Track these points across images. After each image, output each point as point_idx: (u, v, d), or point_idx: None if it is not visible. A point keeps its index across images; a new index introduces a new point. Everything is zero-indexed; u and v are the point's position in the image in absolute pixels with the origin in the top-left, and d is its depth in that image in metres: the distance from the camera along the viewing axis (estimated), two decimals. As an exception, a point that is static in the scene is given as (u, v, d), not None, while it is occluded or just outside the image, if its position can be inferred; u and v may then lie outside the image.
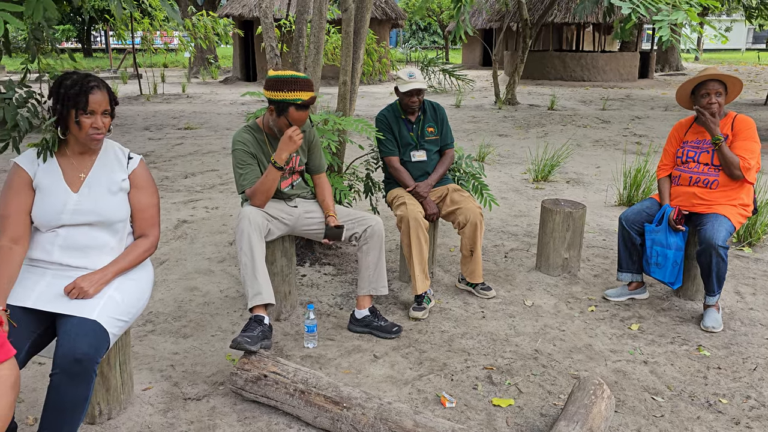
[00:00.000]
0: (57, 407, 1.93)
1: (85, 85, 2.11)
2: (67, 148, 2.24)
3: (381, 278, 3.16)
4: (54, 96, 2.15)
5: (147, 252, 2.35)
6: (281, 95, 2.81)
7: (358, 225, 3.11)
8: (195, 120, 11.29)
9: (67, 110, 2.12)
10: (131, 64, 23.50)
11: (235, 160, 3.01)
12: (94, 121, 2.14)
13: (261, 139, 3.06)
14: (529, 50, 14.09)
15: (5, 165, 7.36)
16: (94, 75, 2.18)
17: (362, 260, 3.14)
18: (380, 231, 3.11)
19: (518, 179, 6.72)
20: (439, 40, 38.44)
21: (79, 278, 2.13)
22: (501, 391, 2.69)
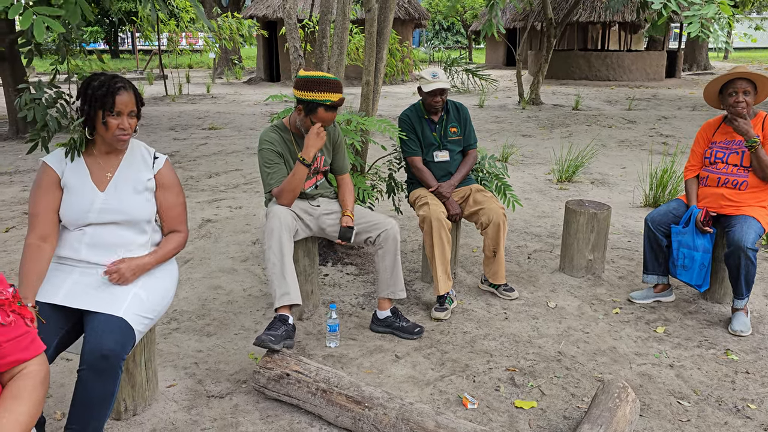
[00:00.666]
0: (84, 402, 1.97)
1: (112, 86, 2.14)
2: (94, 148, 2.28)
3: (398, 282, 3.15)
4: (82, 97, 2.19)
5: (179, 246, 2.41)
6: (311, 95, 2.84)
7: (373, 229, 3.09)
8: (219, 120, 11.40)
9: (95, 111, 2.16)
10: (157, 65, 23.81)
11: (262, 160, 3.03)
12: (120, 122, 2.17)
13: (288, 138, 3.09)
14: (553, 50, 13.96)
15: (34, 165, 7.51)
16: (121, 76, 2.21)
17: (379, 264, 3.14)
18: (395, 235, 3.09)
19: (542, 180, 6.67)
20: (463, 40, 38.29)
21: (118, 261, 2.18)
22: (524, 393, 2.67)
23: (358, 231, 3.11)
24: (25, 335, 1.46)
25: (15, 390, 1.41)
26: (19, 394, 1.40)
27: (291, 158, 3.09)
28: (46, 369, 1.48)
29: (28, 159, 7.87)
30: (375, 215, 3.15)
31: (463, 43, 38.06)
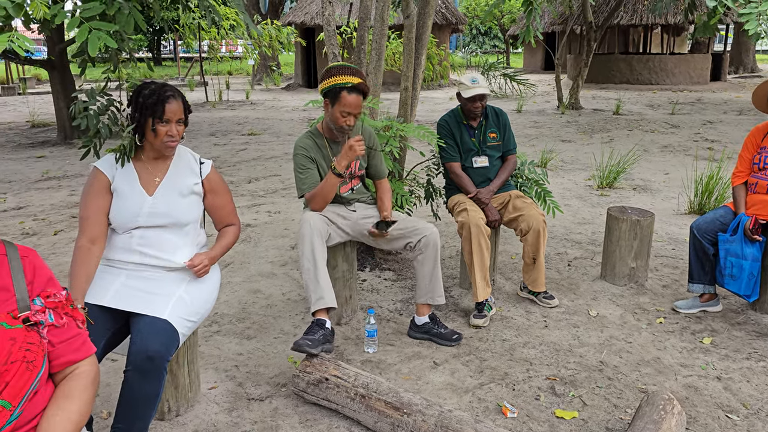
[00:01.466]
0: (130, 402, 2.01)
1: (161, 94, 2.20)
2: (143, 154, 2.35)
3: (437, 288, 3.13)
4: (133, 105, 2.25)
5: (236, 236, 2.57)
6: (332, 81, 2.89)
7: (413, 234, 3.09)
8: (258, 126, 11.57)
9: (145, 118, 2.22)
10: (198, 72, 24.29)
11: (295, 165, 3.08)
12: (169, 129, 2.23)
13: (321, 143, 3.12)
14: (593, 53, 13.75)
15: (82, 170, 7.74)
16: (170, 85, 2.27)
17: (418, 270, 3.13)
18: (435, 241, 3.08)
19: (582, 186, 6.57)
20: (500, 44, 38.05)
21: (197, 255, 2.33)
22: (564, 403, 2.63)
23: (399, 236, 3.10)
24: (77, 337, 1.51)
25: (67, 389, 1.45)
26: (71, 393, 1.45)
27: (324, 163, 3.12)
28: (96, 370, 1.52)
29: (76, 164, 8.12)
30: (415, 220, 3.15)
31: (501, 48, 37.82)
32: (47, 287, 1.47)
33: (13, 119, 13.01)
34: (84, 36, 1.73)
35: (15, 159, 8.60)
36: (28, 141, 10.19)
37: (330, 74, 2.91)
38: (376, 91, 4.40)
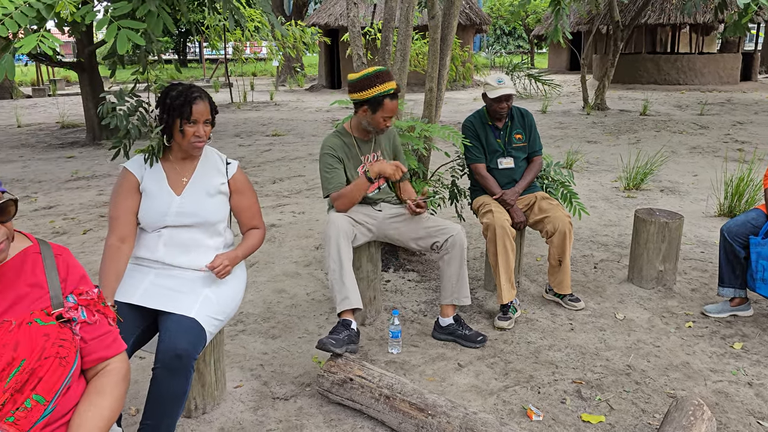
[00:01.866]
0: (158, 399, 2.04)
1: (189, 95, 2.23)
2: (171, 154, 2.38)
3: (463, 288, 3.12)
4: (161, 106, 2.28)
5: (260, 240, 2.55)
6: (375, 90, 2.92)
7: (440, 234, 3.08)
8: (282, 127, 11.64)
9: (173, 119, 2.25)
10: (223, 74, 24.53)
11: (322, 164, 3.09)
12: (196, 130, 2.26)
13: (349, 143, 3.14)
14: (620, 53, 13.57)
15: (110, 170, 7.87)
16: (197, 86, 2.30)
17: (444, 270, 3.12)
18: (461, 241, 3.07)
19: (608, 187, 6.49)
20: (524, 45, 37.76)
21: (217, 257, 2.32)
22: (591, 407, 2.60)
23: (425, 235, 3.09)
24: (108, 334, 1.53)
25: (99, 386, 1.48)
26: (102, 389, 1.47)
27: (351, 163, 3.14)
28: (127, 366, 1.55)
29: (105, 164, 8.26)
30: (441, 220, 3.14)
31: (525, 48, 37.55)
32: (80, 285, 1.50)
33: (43, 120, 13.27)
34: (113, 35, 1.77)
35: (45, 159, 8.78)
36: (58, 142, 10.39)
37: (372, 83, 2.92)
38: (401, 91, 4.40)
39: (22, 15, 1.69)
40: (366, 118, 3.04)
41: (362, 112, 3.03)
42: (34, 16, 1.79)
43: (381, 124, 3.02)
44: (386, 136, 3.30)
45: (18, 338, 1.34)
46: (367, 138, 3.19)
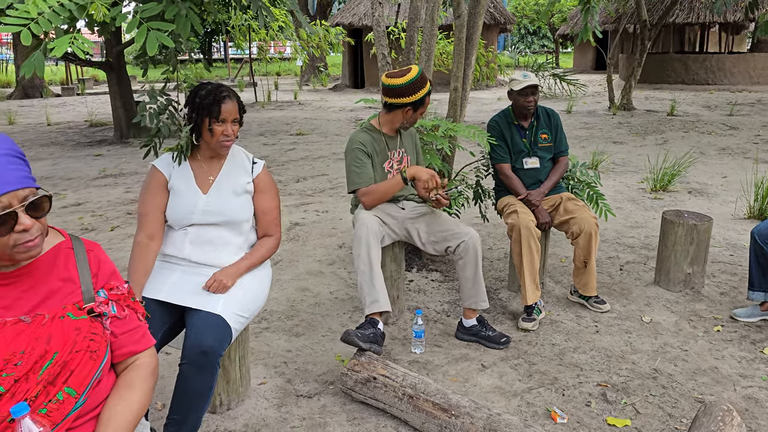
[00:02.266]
0: (185, 395, 2.07)
1: (218, 95, 2.25)
2: (199, 153, 2.41)
3: (479, 293, 3.09)
4: (190, 105, 2.31)
5: (271, 250, 2.48)
6: (422, 92, 3.04)
7: (453, 238, 3.05)
8: (306, 126, 11.70)
9: (201, 118, 2.28)
10: (247, 73, 24.74)
11: (351, 159, 3.09)
12: (224, 129, 2.29)
13: (378, 138, 3.16)
14: (647, 52, 13.37)
15: (137, 168, 7.98)
16: (225, 85, 2.32)
17: (460, 274, 3.11)
18: (474, 246, 3.03)
19: (634, 189, 6.40)
20: (549, 44, 37.43)
21: (217, 273, 2.28)
22: (617, 411, 2.57)
23: (440, 239, 3.08)
24: (138, 329, 1.56)
25: (128, 379, 1.50)
26: (132, 383, 1.49)
27: (379, 158, 3.16)
28: (156, 361, 1.57)
29: (132, 162, 8.38)
30: (456, 224, 3.11)
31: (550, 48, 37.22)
32: (111, 280, 1.53)
33: (72, 119, 13.52)
34: (143, 36, 1.79)
35: (74, 157, 8.93)
36: (87, 140, 10.56)
37: (420, 86, 3.03)
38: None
39: (54, 14, 1.73)
40: (406, 117, 3.11)
41: (404, 111, 3.08)
42: (66, 16, 1.83)
43: (417, 119, 3.16)
44: (408, 133, 3.32)
45: (51, 331, 1.36)
46: (394, 135, 3.22)
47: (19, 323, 1.35)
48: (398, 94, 3.01)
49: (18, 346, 1.32)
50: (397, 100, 3.03)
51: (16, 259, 1.34)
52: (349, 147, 3.12)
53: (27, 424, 1.24)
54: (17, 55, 18.84)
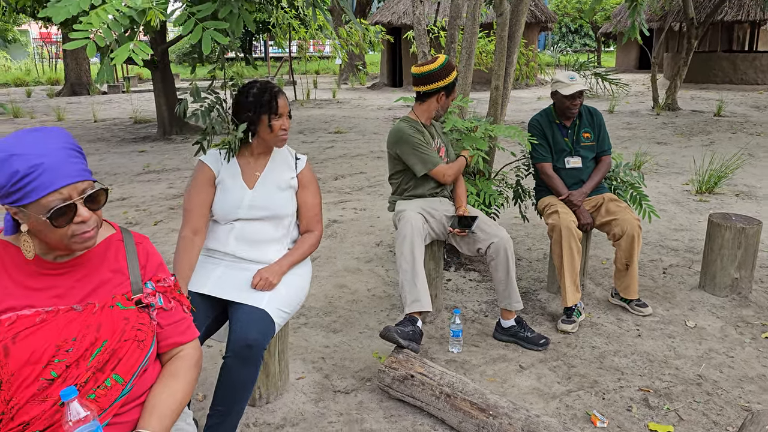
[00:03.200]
0: (229, 387, 2.11)
1: (272, 90, 2.31)
2: (246, 150, 2.45)
3: (513, 294, 3.06)
4: (243, 104, 2.33)
5: (313, 246, 2.50)
6: (452, 76, 3.14)
7: (482, 240, 3.04)
8: (344, 124, 11.76)
9: (259, 115, 2.31)
10: (287, 72, 24.99)
11: (413, 142, 3.12)
12: (282, 123, 2.34)
13: (420, 128, 3.19)
14: (693, 51, 13.02)
15: (179, 164, 8.15)
16: (273, 82, 2.36)
17: (493, 276, 3.09)
18: (505, 248, 2.99)
19: (679, 190, 6.25)
20: (591, 43, 36.78)
21: (262, 270, 2.31)
22: (659, 416, 2.51)
23: (471, 240, 3.07)
24: (183, 320, 1.59)
25: (173, 369, 1.54)
26: (176, 373, 1.53)
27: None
28: (200, 353, 1.60)
29: (174, 158, 8.56)
30: (488, 225, 3.08)
31: (592, 46, 36.56)
32: (158, 272, 1.57)
33: (117, 115, 13.88)
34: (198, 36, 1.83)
35: (119, 153, 9.17)
36: (131, 136, 10.83)
37: (450, 70, 3.14)
38: (465, 90, 4.37)
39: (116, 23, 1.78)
40: (441, 104, 3.20)
41: (439, 98, 3.17)
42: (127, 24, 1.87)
43: (449, 105, 3.25)
44: (438, 126, 3.41)
45: (101, 320, 1.41)
46: (429, 124, 3.29)
47: (71, 311, 1.40)
48: (431, 79, 3.10)
49: (70, 333, 1.37)
50: (431, 86, 3.12)
51: (72, 249, 1.39)
52: (401, 134, 3.14)
53: (75, 407, 1.29)
54: (66, 53, 19.44)
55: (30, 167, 1.27)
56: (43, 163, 1.28)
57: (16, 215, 1.34)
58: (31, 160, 1.27)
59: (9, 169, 1.27)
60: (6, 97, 18.33)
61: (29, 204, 1.29)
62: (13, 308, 1.35)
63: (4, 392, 1.32)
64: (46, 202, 1.29)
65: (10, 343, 1.31)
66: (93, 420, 1.30)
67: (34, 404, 1.33)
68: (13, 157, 1.27)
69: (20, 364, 1.31)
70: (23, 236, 1.35)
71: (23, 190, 1.28)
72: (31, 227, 1.34)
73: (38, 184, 1.28)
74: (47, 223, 1.30)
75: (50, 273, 1.41)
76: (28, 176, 1.27)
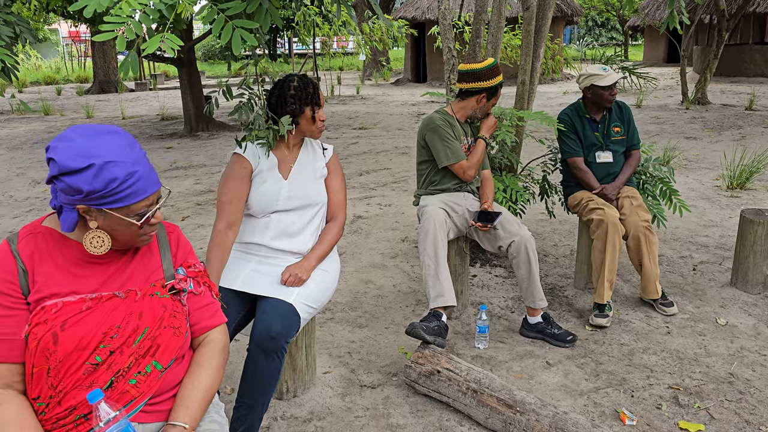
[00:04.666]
0: (253, 378, 2.13)
1: (312, 83, 2.34)
2: (281, 143, 2.46)
3: (536, 292, 3.04)
4: (285, 97, 2.34)
5: (338, 234, 2.50)
6: (497, 80, 3.12)
7: (503, 238, 3.02)
8: (368, 120, 11.77)
9: (302, 108, 2.33)
10: (311, 68, 25.09)
11: (440, 134, 3.11)
12: (322, 114, 2.37)
13: (453, 123, 3.19)
14: (724, 44, 12.74)
15: (206, 160, 8.24)
16: (307, 75, 2.38)
17: (516, 274, 3.07)
18: (526, 246, 2.97)
19: (708, 186, 6.14)
20: (618, 36, 36.23)
21: (291, 266, 2.32)
22: (689, 415, 2.48)
23: (493, 237, 3.05)
24: (212, 304, 1.62)
25: (198, 357, 1.57)
26: (200, 360, 1.56)
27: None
28: (226, 339, 1.63)
29: (201, 155, 8.66)
30: (510, 223, 3.05)
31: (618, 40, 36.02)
32: (188, 258, 1.60)
33: (145, 112, 14.07)
34: (227, 36, 1.84)
35: (147, 149, 9.30)
36: (158, 133, 10.98)
37: (495, 73, 3.13)
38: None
39: (145, 16, 1.80)
40: (479, 106, 3.17)
41: (479, 98, 3.15)
42: (156, 17, 1.89)
43: (487, 111, 3.22)
44: (477, 127, 3.34)
45: (142, 307, 1.45)
46: (464, 122, 3.27)
47: (113, 298, 1.44)
48: (475, 78, 3.09)
49: (114, 320, 1.41)
50: (473, 85, 3.10)
51: (136, 245, 1.48)
52: (430, 125, 3.14)
53: (104, 408, 1.32)
54: (94, 51, 19.76)
55: (127, 175, 1.35)
56: (137, 171, 1.37)
57: (88, 214, 1.39)
58: (126, 168, 1.35)
59: (108, 176, 1.33)
60: (37, 95, 18.71)
61: (119, 208, 1.37)
62: (57, 294, 1.39)
63: (52, 378, 1.36)
64: (136, 206, 1.39)
65: (59, 331, 1.35)
66: (123, 418, 1.34)
67: (79, 390, 1.38)
68: (109, 164, 1.33)
69: (68, 351, 1.35)
70: (94, 232, 1.41)
71: (118, 195, 1.35)
72: (101, 225, 1.40)
73: (134, 190, 1.37)
74: (131, 224, 1.40)
75: (91, 260, 1.46)
76: (125, 183, 1.35)
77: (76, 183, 1.32)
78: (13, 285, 1.37)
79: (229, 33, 1.83)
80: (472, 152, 3.20)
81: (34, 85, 23.00)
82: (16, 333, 1.36)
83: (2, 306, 1.36)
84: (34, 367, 1.35)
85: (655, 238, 3.27)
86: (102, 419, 1.31)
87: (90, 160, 1.31)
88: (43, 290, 1.38)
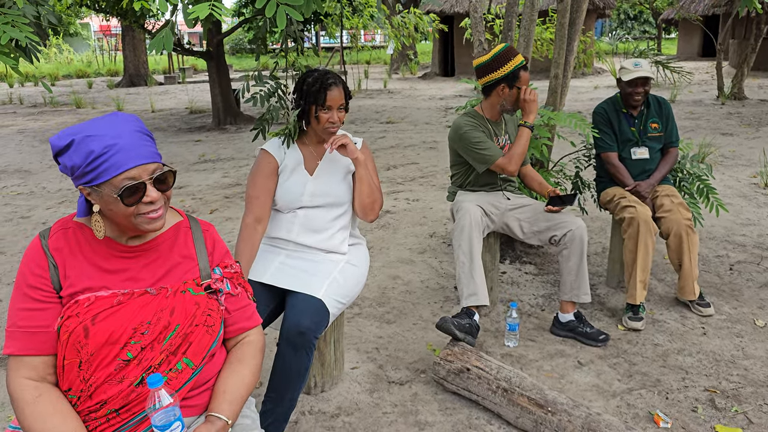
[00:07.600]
0: (282, 373, 2.13)
1: (324, 82, 2.28)
2: (306, 138, 2.45)
3: (583, 285, 2.98)
4: (298, 92, 2.35)
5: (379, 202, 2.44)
6: (510, 65, 2.96)
7: (558, 228, 2.96)
8: (396, 114, 11.73)
9: (308, 105, 2.31)
10: (338, 61, 25.10)
11: (470, 137, 3.02)
12: (330, 116, 2.31)
13: (482, 123, 3.13)
14: (762, 37, 12.39)
15: (234, 153, 8.29)
16: (332, 72, 2.34)
17: (563, 265, 3.00)
18: (581, 236, 2.93)
19: (745, 183, 5.97)
20: (651, 30, 35.52)
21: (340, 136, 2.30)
22: (726, 418, 2.41)
23: (544, 228, 3.00)
24: (248, 306, 1.62)
25: (240, 354, 1.57)
26: (243, 358, 1.56)
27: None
28: (263, 339, 1.62)
29: (229, 148, 8.72)
30: (561, 213, 3.02)
31: (651, 33, 35.31)
32: (224, 259, 1.59)
33: (174, 106, 14.22)
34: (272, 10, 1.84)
35: (176, 142, 9.40)
36: (187, 126, 11.08)
37: (506, 59, 2.96)
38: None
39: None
40: (504, 96, 3.04)
41: (499, 90, 3.03)
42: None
43: (514, 100, 3.05)
44: (512, 120, 3.28)
45: (173, 304, 1.44)
46: (498, 119, 3.17)
47: (145, 294, 1.43)
48: (486, 70, 3.00)
49: (145, 316, 1.41)
50: (488, 78, 3.01)
51: (140, 230, 1.42)
52: (459, 131, 3.06)
53: (163, 394, 1.32)
54: (125, 45, 20.03)
55: (104, 147, 1.32)
56: (116, 144, 1.33)
57: (90, 196, 1.39)
58: (105, 140, 1.32)
59: (85, 149, 1.32)
60: (69, 88, 19.04)
61: (102, 183, 1.34)
62: (90, 289, 1.39)
63: (83, 371, 1.36)
64: (117, 181, 1.33)
65: (90, 324, 1.35)
66: (176, 405, 1.33)
67: (111, 384, 1.38)
68: (88, 138, 1.32)
69: (99, 345, 1.36)
70: (94, 216, 1.40)
71: (97, 170, 1.32)
72: (102, 207, 1.39)
73: (112, 163, 1.32)
74: (117, 201, 1.34)
75: (123, 255, 1.45)
76: (102, 156, 1.32)
77: (64, 161, 1.34)
78: (44, 279, 1.38)
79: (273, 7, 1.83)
80: (514, 144, 3.03)
81: (66, 78, 23.42)
82: (48, 326, 1.37)
83: (35, 300, 1.37)
84: (66, 359, 1.36)
85: (697, 237, 3.19)
86: (162, 404, 1.31)
87: (72, 137, 1.33)
88: (76, 285, 1.39)
